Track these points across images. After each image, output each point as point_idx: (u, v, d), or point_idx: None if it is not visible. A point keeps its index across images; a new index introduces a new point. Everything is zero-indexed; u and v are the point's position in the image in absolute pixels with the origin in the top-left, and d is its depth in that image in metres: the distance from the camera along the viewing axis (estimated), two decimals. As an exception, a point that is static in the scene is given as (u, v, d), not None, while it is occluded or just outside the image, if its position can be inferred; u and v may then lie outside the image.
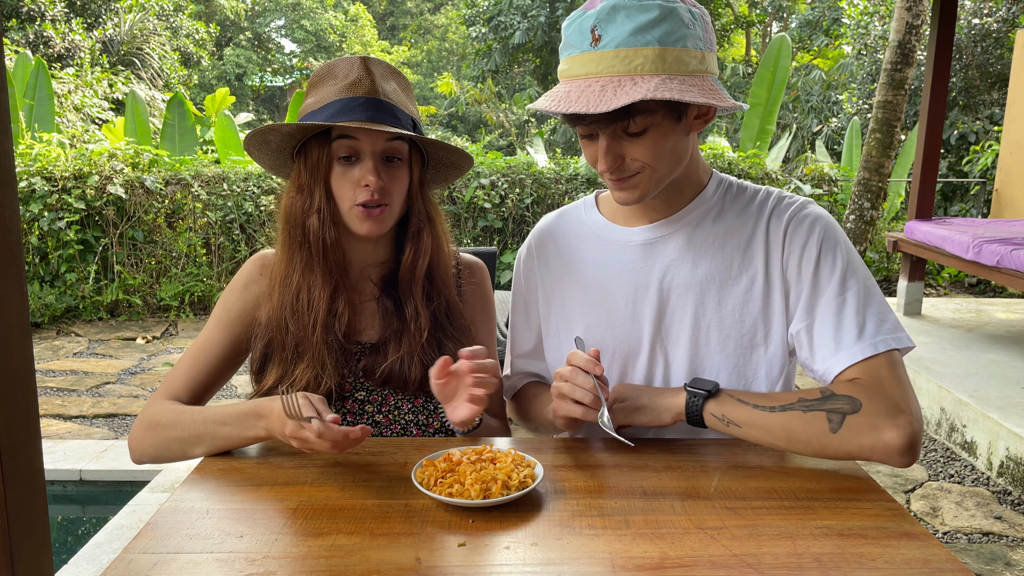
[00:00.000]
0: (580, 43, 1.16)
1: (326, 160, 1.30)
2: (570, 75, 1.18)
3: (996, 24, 9.75)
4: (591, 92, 1.12)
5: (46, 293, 6.01)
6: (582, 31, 1.16)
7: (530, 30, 16.25)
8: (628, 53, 1.12)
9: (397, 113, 1.31)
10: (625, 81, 1.12)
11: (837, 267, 1.23)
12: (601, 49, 1.13)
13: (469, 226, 6.67)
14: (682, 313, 1.29)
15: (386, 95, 1.31)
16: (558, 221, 1.46)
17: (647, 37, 1.12)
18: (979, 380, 3.85)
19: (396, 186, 1.33)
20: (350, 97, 1.28)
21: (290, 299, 1.33)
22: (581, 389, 1.17)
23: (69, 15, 15.61)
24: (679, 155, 1.23)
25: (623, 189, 1.24)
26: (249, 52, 26.73)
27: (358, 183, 1.29)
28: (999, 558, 2.72)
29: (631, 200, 1.25)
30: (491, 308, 1.53)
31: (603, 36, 1.13)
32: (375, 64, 1.34)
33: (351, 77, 1.31)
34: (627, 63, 1.12)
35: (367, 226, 1.31)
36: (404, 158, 1.34)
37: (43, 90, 8.92)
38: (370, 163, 1.29)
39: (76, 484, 3.22)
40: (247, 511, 1.04)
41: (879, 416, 1.11)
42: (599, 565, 0.90)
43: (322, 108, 1.30)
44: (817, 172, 7.36)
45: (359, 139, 1.29)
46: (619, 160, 1.19)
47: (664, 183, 1.25)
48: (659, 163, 1.20)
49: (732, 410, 1.19)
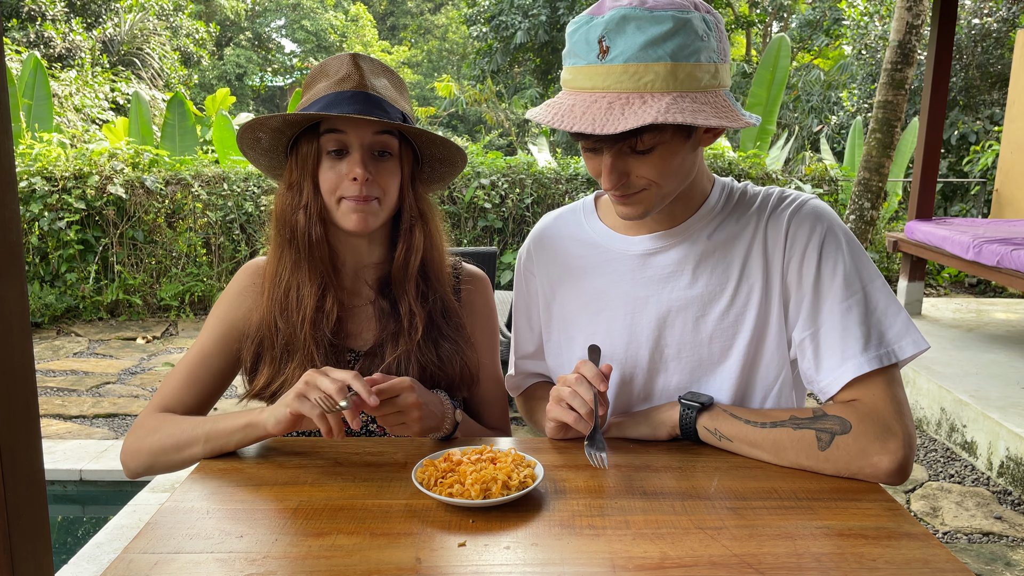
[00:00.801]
0: (587, 54, 1.09)
1: (314, 155, 1.30)
2: (575, 87, 1.11)
3: (996, 24, 9.75)
4: (597, 108, 1.06)
5: (46, 293, 6.01)
6: (589, 41, 1.08)
7: (531, 29, 16.24)
8: (638, 69, 1.05)
9: (386, 107, 1.29)
10: (634, 99, 1.05)
11: (839, 271, 1.19)
12: (609, 63, 1.06)
13: (469, 226, 6.67)
14: (681, 327, 1.26)
15: (375, 89, 1.30)
16: (556, 224, 1.43)
17: (658, 52, 1.05)
18: (979, 380, 3.85)
19: (386, 180, 1.31)
20: (338, 91, 1.28)
21: (279, 297, 1.33)
22: (580, 399, 1.17)
23: (69, 15, 15.61)
24: (686, 171, 1.19)
25: (627, 205, 1.19)
26: (249, 52, 26.73)
27: (346, 177, 1.28)
28: (999, 558, 2.72)
29: (634, 216, 1.21)
30: (493, 321, 1.51)
31: (612, 48, 1.06)
32: (365, 60, 1.34)
33: (340, 73, 1.31)
34: (636, 80, 1.05)
35: (355, 219, 1.29)
36: (395, 153, 1.32)
37: (41, 89, 8.93)
38: (357, 156, 1.27)
39: (76, 484, 3.22)
40: (247, 511, 1.04)
41: (869, 439, 1.10)
42: (599, 565, 0.90)
43: (311, 104, 1.30)
44: (818, 172, 7.36)
45: (347, 132, 1.28)
46: (624, 177, 1.14)
47: (670, 199, 1.21)
48: (666, 180, 1.16)
49: (724, 424, 1.19)
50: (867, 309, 1.17)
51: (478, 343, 1.46)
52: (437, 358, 1.36)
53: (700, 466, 1.17)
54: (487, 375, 1.47)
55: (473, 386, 1.43)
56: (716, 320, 1.25)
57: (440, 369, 1.36)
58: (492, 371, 1.49)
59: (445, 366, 1.36)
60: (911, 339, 1.16)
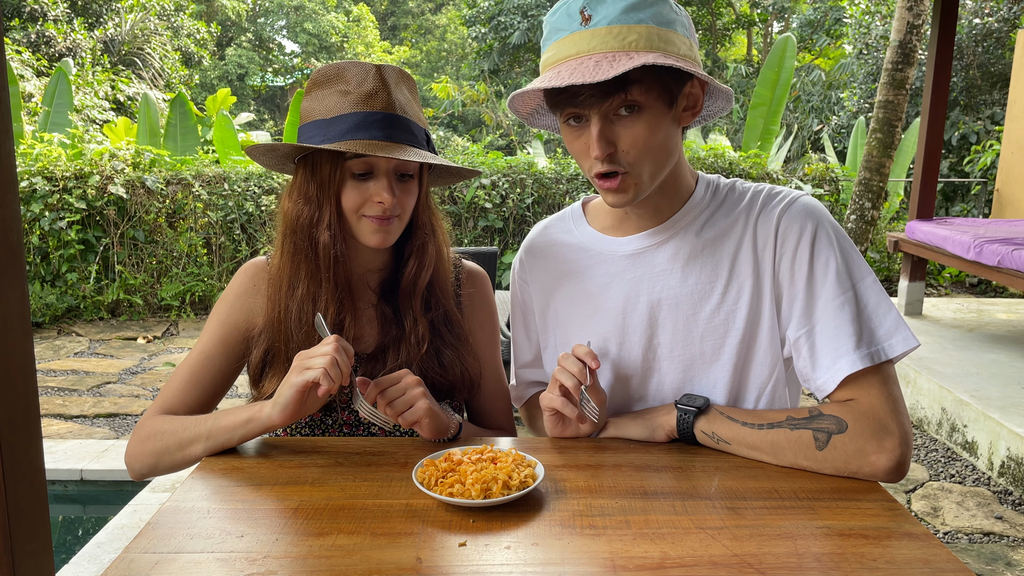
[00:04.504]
0: (568, 25, 1.11)
1: (339, 175, 1.27)
2: (558, 58, 1.12)
3: (997, 24, 9.75)
4: (584, 68, 1.07)
5: (47, 293, 6.02)
6: (570, 13, 1.11)
7: (530, 30, 16.24)
8: (621, 30, 1.08)
9: (413, 129, 1.28)
10: (620, 56, 1.07)
11: (831, 268, 1.19)
12: (592, 27, 1.09)
13: (470, 226, 6.67)
14: (673, 325, 1.27)
15: (402, 108, 1.28)
16: (546, 232, 1.43)
17: (640, 15, 1.09)
18: (980, 380, 3.85)
19: (407, 200, 1.32)
20: (367, 112, 1.24)
21: (296, 309, 1.31)
22: (566, 372, 1.18)
23: (71, 15, 15.62)
24: (669, 149, 1.19)
25: (615, 190, 1.18)
26: (251, 52, 26.74)
27: (371, 199, 1.27)
28: (1000, 558, 2.72)
29: (623, 202, 1.19)
30: (493, 318, 1.51)
31: (593, 16, 1.09)
32: (389, 72, 1.28)
33: (365, 87, 1.26)
34: (621, 39, 1.08)
35: (378, 238, 1.30)
36: (415, 173, 1.33)
37: (62, 97, 9.03)
38: (385, 181, 1.26)
39: (77, 484, 3.22)
40: (248, 511, 1.04)
41: (865, 438, 1.11)
42: (600, 565, 0.90)
43: (333, 120, 1.25)
44: (818, 172, 7.36)
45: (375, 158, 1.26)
46: (611, 147, 1.13)
47: (655, 181, 1.20)
48: (650, 155, 1.15)
49: (721, 427, 1.19)
50: (858, 307, 1.18)
51: (479, 340, 1.46)
52: (439, 364, 1.36)
53: (700, 466, 1.17)
54: (489, 372, 1.47)
55: (474, 390, 1.43)
56: (707, 318, 1.25)
57: (441, 375, 1.36)
58: (494, 367, 1.49)
59: (446, 372, 1.37)
60: (901, 337, 1.16)
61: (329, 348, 1.15)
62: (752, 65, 18.53)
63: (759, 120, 8.86)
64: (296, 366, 1.17)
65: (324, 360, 1.13)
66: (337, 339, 1.16)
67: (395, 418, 1.20)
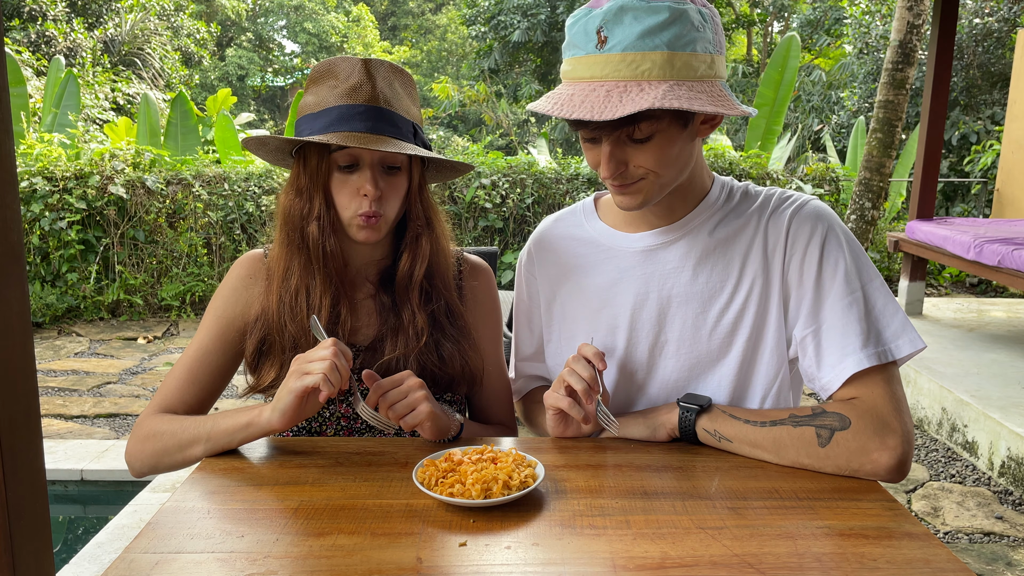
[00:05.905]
0: (585, 44, 1.11)
1: (325, 168, 1.29)
2: (574, 77, 1.14)
3: (997, 24, 9.74)
4: (596, 97, 1.08)
5: (47, 293, 6.02)
6: (587, 31, 1.11)
7: (530, 29, 16.24)
8: (635, 57, 1.08)
9: (397, 121, 1.29)
10: (631, 87, 1.07)
11: (840, 270, 1.20)
12: (607, 52, 1.09)
13: (470, 226, 6.67)
14: (681, 323, 1.27)
15: (387, 101, 1.29)
16: (556, 225, 1.43)
17: (655, 41, 1.07)
18: (980, 380, 3.85)
19: (392, 194, 1.32)
20: (350, 104, 1.26)
21: (289, 299, 1.33)
22: (576, 376, 1.18)
23: (71, 15, 15.62)
24: (684, 161, 1.20)
25: (625, 195, 1.20)
26: (251, 53, 26.74)
27: (357, 192, 1.29)
28: (1000, 558, 2.72)
29: (633, 206, 1.22)
30: (496, 311, 1.51)
31: (609, 38, 1.09)
32: (377, 67, 1.30)
33: (351, 81, 1.28)
34: (634, 68, 1.08)
35: (364, 234, 1.31)
36: (403, 166, 1.33)
37: (71, 99, 9.05)
38: (368, 173, 1.28)
39: (77, 484, 3.23)
40: (248, 511, 1.04)
41: (868, 436, 1.11)
42: (600, 565, 0.90)
43: (320, 113, 1.28)
44: (819, 172, 7.36)
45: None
46: (622, 166, 1.16)
47: (668, 189, 1.22)
48: (663, 169, 1.17)
49: (724, 425, 1.20)
50: (866, 307, 1.19)
51: (481, 334, 1.45)
52: (438, 357, 1.36)
53: (700, 466, 1.17)
54: (492, 367, 1.47)
55: (474, 384, 1.43)
56: (716, 317, 1.26)
57: (440, 368, 1.36)
58: (496, 362, 1.49)
59: (446, 365, 1.36)
60: (908, 338, 1.18)
61: (328, 352, 1.14)
62: (752, 65, 18.53)
63: (762, 120, 8.85)
64: (295, 370, 1.16)
65: (323, 365, 1.13)
66: (335, 342, 1.16)
67: (397, 421, 1.20)
